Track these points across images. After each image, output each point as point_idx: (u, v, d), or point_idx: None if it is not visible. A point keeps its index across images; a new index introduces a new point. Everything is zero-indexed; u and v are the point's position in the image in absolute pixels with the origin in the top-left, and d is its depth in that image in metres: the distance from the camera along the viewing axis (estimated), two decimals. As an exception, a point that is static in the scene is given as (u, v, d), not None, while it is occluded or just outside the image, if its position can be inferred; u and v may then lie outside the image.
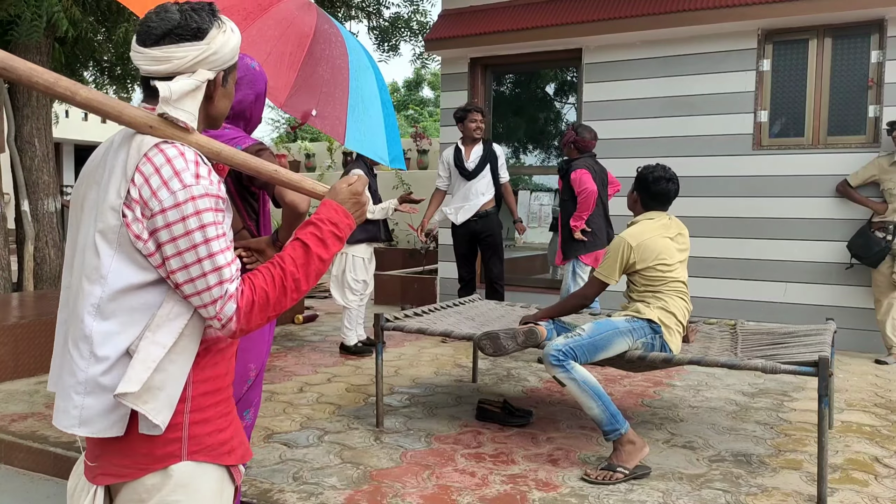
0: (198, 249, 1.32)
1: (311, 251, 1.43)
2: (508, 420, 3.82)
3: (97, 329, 1.32)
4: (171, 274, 1.34)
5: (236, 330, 1.37)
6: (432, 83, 24.57)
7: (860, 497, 2.94)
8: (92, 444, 1.42)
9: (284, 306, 1.42)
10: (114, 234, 1.33)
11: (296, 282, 1.41)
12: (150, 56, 1.38)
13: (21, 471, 3.50)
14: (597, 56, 6.67)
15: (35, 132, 6.65)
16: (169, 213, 1.31)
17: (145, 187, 1.32)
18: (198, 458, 1.41)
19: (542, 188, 9.44)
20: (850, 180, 5.60)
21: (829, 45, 5.88)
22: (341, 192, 1.51)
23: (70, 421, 1.34)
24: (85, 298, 1.34)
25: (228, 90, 1.52)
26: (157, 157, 1.34)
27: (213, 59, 1.41)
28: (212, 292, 1.33)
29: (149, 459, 1.37)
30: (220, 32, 1.42)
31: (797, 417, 4.01)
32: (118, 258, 1.33)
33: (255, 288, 1.37)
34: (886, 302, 5.31)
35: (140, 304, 1.34)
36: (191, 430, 1.40)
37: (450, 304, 4.38)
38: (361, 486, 3.00)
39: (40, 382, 4.60)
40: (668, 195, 3.47)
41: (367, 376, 4.84)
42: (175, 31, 1.37)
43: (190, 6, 1.41)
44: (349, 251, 5.31)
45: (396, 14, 9.49)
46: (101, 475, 1.39)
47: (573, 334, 3.30)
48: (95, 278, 1.33)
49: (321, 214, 1.48)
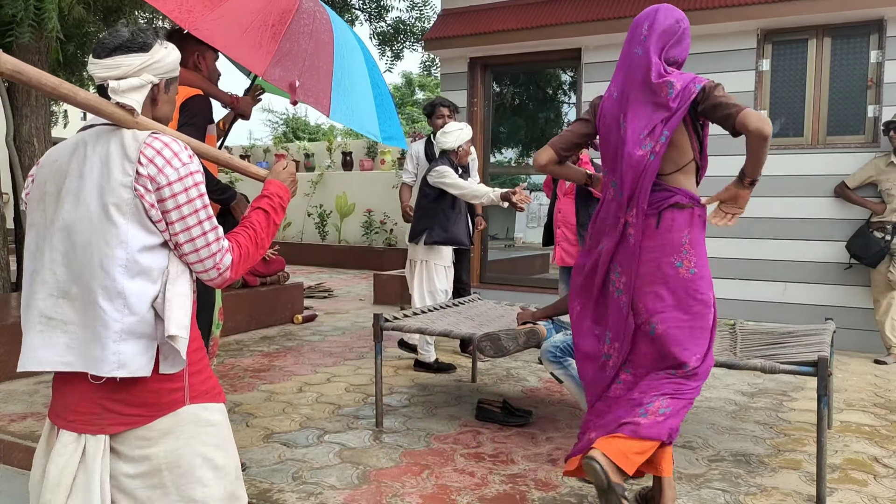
0: (198, 213, 1.66)
1: (270, 216, 1.89)
2: (508, 420, 3.82)
3: (129, 285, 1.60)
4: (174, 236, 1.65)
5: (228, 277, 1.75)
6: (422, 84, 24.57)
7: (859, 497, 2.95)
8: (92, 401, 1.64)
9: (256, 259, 1.85)
10: (128, 205, 1.61)
11: (262, 240, 1.85)
12: (104, 65, 1.69)
13: (20, 470, 3.50)
14: (596, 56, 6.67)
15: (34, 132, 6.64)
16: (174, 185, 1.62)
17: (151, 166, 1.62)
18: (198, 401, 1.74)
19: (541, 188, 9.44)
20: (847, 182, 5.60)
21: (829, 45, 5.88)
22: (280, 173, 2.01)
23: (110, 366, 1.59)
24: (112, 261, 1.60)
25: (171, 97, 1.84)
26: (155, 143, 1.65)
27: (156, 66, 1.74)
28: (210, 247, 1.69)
29: (157, 408, 1.67)
30: (161, 48, 1.75)
31: (796, 417, 4.02)
32: (132, 225, 1.61)
33: (241, 244, 1.79)
34: (885, 302, 5.32)
35: (152, 264, 1.64)
36: (190, 379, 1.73)
37: (449, 304, 4.38)
38: (361, 486, 3.00)
39: (39, 382, 4.60)
40: None
41: (366, 376, 4.84)
42: (125, 44, 1.69)
43: (137, 28, 1.75)
44: (432, 260, 4.86)
45: (398, 19, 9.47)
46: (111, 425, 1.64)
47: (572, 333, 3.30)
48: (117, 244, 1.60)
49: (270, 190, 1.95)
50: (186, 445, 1.69)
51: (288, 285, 6.95)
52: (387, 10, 9.37)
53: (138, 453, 1.66)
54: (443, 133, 4.87)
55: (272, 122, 24.16)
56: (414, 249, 4.99)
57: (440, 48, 7.32)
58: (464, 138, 4.83)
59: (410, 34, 9.33)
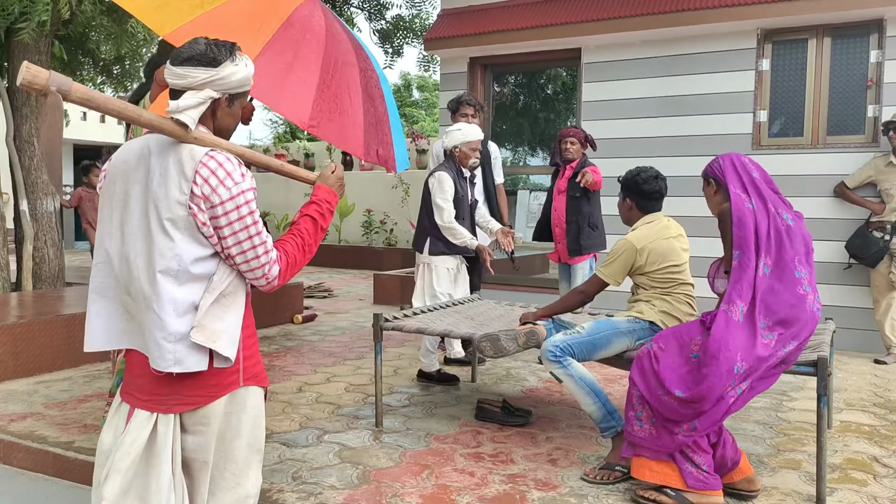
0: (249, 229, 1.79)
1: (317, 223, 2.00)
2: (508, 420, 3.82)
3: (178, 294, 1.75)
4: (226, 249, 1.79)
5: (276, 286, 1.90)
6: (421, 85, 24.57)
7: (859, 497, 2.95)
8: (162, 385, 1.80)
9: (303, 264, 1.96)
10: (182, 221, 1.75)
11: (309, 246, 1.97)
12: (173, 73, 1.80)
13: (20, 470, 3.50)
14: (596, 56, 6.67)
15: (34, 132, 6.63)
16: (227, 203, 1.75)
17: (206, 186, 1.74)
18: (249, 384, 1.91)
19: (541, 188, 9.44)
20: (847, 182, 5.61)
21: (829, 45, 5.88)
22: (329, 178, 2.10)
23: (167, 363, 1.75)
24: (165, 271, 1.74)
25: (234, 111, 1.91)
26: (210, 163, 1.76)
27: (220, 83, 1.81)
28: (260, 259, 1.82)
29: (218, 388, 1.84)
30: (231, 64, 1.82)
31: (796, 417, 4.02)
32: (186, 240, 1.75)
33: (289, 253, 1.91)
34: (885, 302, 5.32)
35: (202, 272, 1.79)
36: (244, 363, 1.89)
37: (449, 304, 4.37)
38: (361, 486, 3.00)
39: (39, 382, 4.60)
40: (661, 193, 3.46)
41: (366, 376, 4.84)
42: (196, 57, 1.79)
43: (215, 42, 1.83)
44: (434, 262, 4.59)
45: (398, 16, 9.48)
46: (178, 405, 1.81)
47: (572, 332, 3.30)
48: (171, 256, 1.74)
49: (318, 195, 2.05)
50: (236, 421, 1.88)
51: (288, 285, 6.94)
52: (386, 7, 9.38)
53: (199, 429, 1.84)
54: (445, 132, 4.76)
55: (273, 121, 24.16)
56: (418, 253, 4.77)
57: (440, 48, 7.32)
58: (460, 139, 4.56)
59: (410, 31, 9.33)
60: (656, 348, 2.92)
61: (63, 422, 3.81)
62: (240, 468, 1.92)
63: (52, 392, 4.38)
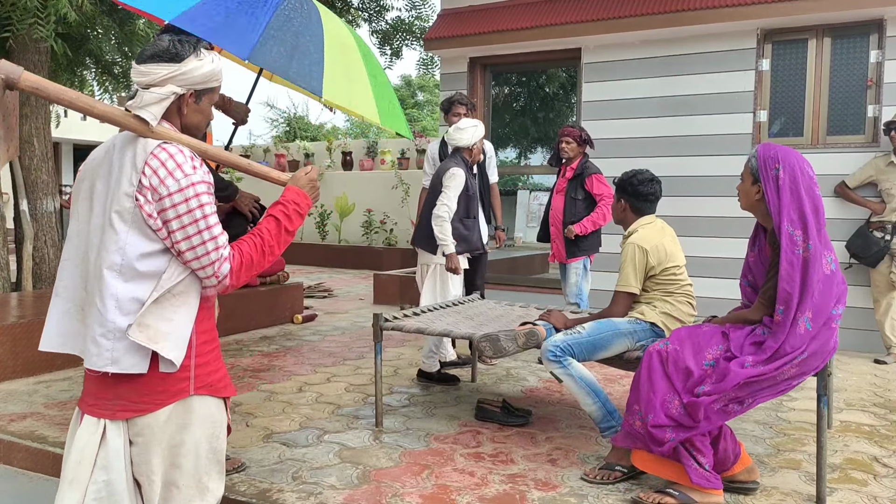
0: (198, 223, 1.72)
1: (281, 224, 1.90)
2: (507, 420, 3.82)
3: (122, 289, 1.70)
4: (175, 244, 1.72)
5: (228, 285, 1.81)
6: (422, 86, 24.56)
7: (859, 496, 2.94)
8: (107, 388, 1.75)
9: (262, 267, 1.87)
10: (129, 214, 1.70)
11: (270, 247, 1.87)
12: (137, 71, 1.79)
13: (20, 470, 3.50)
14: (596, 56, 6.67)
15: (34, 132, 6.64)
16: (175, 196, 1.70)
17: (154, 177, 1.69)
18: (202, 392, 1.83)
19: (541, 188, 9.44)
20: (847, 182, 5.60)
21: (829, 45, 5.88)
22: (300, 179, 2.01)
23: (103, 361, 1.70)
24: (109, 266, 1.70)
25: (202, 108, 1.89)
26: (160, 154, 1.72)
27: (183, 78, 1.79)
28: (210, 256, 1.74)
29: (165, 395, 1.76)
30: (195, 59, 1.80)
31: (796, 417, 4.02)
32: (132, 233, 1.70)
33: (243, 252, 1.82)
34: (885, 301, 5.31)
35: (150, 269, 1.72)
36: (196, 371, 1.81)
37: (449, 304, 4.37)
38: (361, 486, 3.00)
39: (39, 382, 4.59)
40: (656, 195, 3.46)
41: (366, 376, 4.84)
42: (159, 54, 1.78)
43: (178, 38, 1.81)
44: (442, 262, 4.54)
45: (398, 18, 9.49)
46: (122, 411, 1.75)
47: (573, 332, 3.30)
48: (115, 249, 1.70)
49: (287, 196, 1.95)
50: (186, 433, 1.81)
51: (288, 285, 6.94)
52: (386, 9, 9.39)
53: (140, 440, 1.77)
54: (457, 129, 4.59)
55: (273, 119, 24.12)
56: (428, 254, 4.63)
57: (440, 48, 7.32)
58: (478, 136, 4.57)
59: (409, 32, 9.34)
60: (671, 349, 2.87)
61: (63, 422, 3.81)
62: (194, 482, 1.83)
63: (52, 392, 4.38)
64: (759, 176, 2.80)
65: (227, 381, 1.92)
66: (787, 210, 2.69)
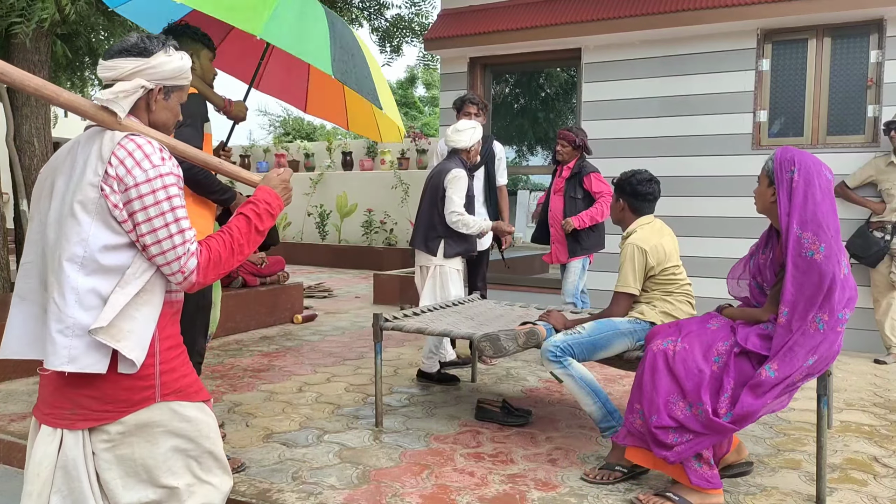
0: (165, 216, 1.67)
1: (252, 223, 1.87)
2: (507, 420, 3.82)
3: (82, 282, 1.63)
4: (141, 237, 1.67)
5: (195, 282, 1.75)
6: (427, 81, 24.52)
7: (859, 496, 2.94)
8: (64, 396, 1.69)
9: (231, 265, 1.82)
10: (93, 204, 1.64)
11: (240, 246, 1.84)
12: (104, 66, 1.77)
13: (20, 470, 3.50)
14: (596, 56, 6.67)
15: (34, 132, 6.63)
16: (142, 186, 1.65)
17: (121, 167, 1.65)
18: (170, 399, 1.77)
19: (542, 188, 9.43)
20: (847, 182, 5.60)
21: (829, 45, 5.88)
22: (272, 180, 1.98)
23: (60, 360, 1.62)
24: (70, 258, 1.63)
25: (170, 105, 1.87)
26: (128, 144, 1.68)
27: (151, 72, 1.77)
28: (176, 250, 1.69)
29: (127, 404, 1.70)
30: (163, 54, 1.79)
31: (796, 417, 4.02)
32: (96, 224, 1.64)
33: (212, 249, 1.77)
34: (885, 302, 5.32)
35: (113, 264, 1.66)
36: (162, 377, 1.75)
37: (449, 304, 4.37)
38: (361, 486, 3.00)
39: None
40: (655, 195, 3.45)
41: (366, 376, 4.84)
42: (126, 49, 1.76)
43: (147, 35, 1.80)
44: (447, 264, 4.54)
45: (398, 15, 9.50)
46: (81, 420, 1.68)
47: (573, 331, 3.30)
48: (77, 241, 1.63)
49: (258, 196, 1.92)
50: (154, 441, 1.75)
51: (288, 285, 6.95)
52: (386, 7, 9.40)
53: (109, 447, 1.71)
54: (455, 131, 4.58)
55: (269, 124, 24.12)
56: (427, 256, 4.60)
57: (440, 48, 7.32)
58: (476, 138, 4.57)
59: (409, 29, 9.35)
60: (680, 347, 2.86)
61: (63, 422, 3.81)
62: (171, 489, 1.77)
63: (52, 392, 4.38)
64: (775, 178, 2.80)
65: (198, 385, 1.87)
66: (799, 212, 2.68)
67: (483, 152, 5.11)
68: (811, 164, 2.75)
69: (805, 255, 2.64)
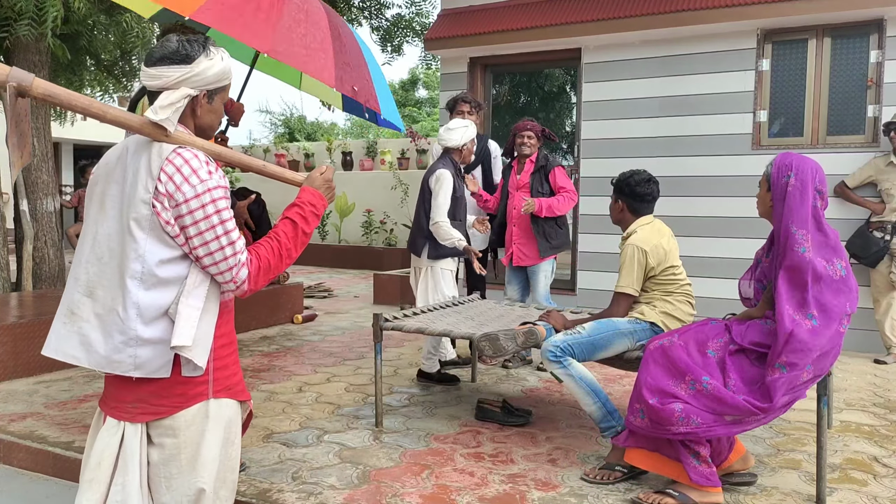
0: (215, 229, 1.71)
1: (298, 227, 1.89)
2: (508, 420, 3.82)
3: (143, 297, 1.69)
4: (193, 250, 1.72)
5: (247, 290, 1.82)
6: (427, 83, 24.52)
7: (859, 496, 2.94)
8: (128, 391, 1.76)
9: (280, 270, 1.87)
10: (146, 221, 1.69)
11: (288, 251, 1.87)
12: (148, 74, 1.77)
13: (20, 470, 3.50)
14: (596, 56, 6.67)
15: (34, 132, 6.63)
16: (192, 202, 1.69)
17: (170, 183, 1.69)
18: (220, 396, 1.84)
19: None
20: (847, 182, 5.61)
21: (829, 45, 5.88)
22: (316, 180, 1.99)
23: (127, 367, 1.70)
24: (131, 275, 1.69)
25: (215, 107, 1.87)
26: (176, 160, 1.71)
27: (196, 79, 1.78)
28: (228, 261, 1.74)
29: (184, 399, 1.77)
30: (206, 59, 1.78)
31: (796, 417, 4.02)
32: (150, 240, 1.69)
33: (261, 257, 1.81)
34: (885, 302, 5.32)
35: (171, 275, 1.71)
36: (215, 374, 1.83)
37: (449, 304, 4.37)
38: (361, 486, 3.00)
39: (39, 382, 4.60)
40: (654, 196, 3.45)
41: (366, 376, 4.84)
42: (168, 56, 1.75)
43: (187, 38, 1.79)
44: (438, 265, 4.51)
45: (398, 15, 9.50)
46: (141, 414, 1.76)
47: (573, 332, 3.30)
48: (134, 257, 1.69)
49: (302, 198, 1.93)
50: (202, 436, 1.81)
51: (288, 285, 6.95)
52: (386, 6, 9.41)
53: (162, 441, 1.78)
54: (446, 129, 4.51)
55: (271, 122, 24.12)
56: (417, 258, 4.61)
57: (440, 48, 7.32)
58: (469, 137, 4.50)
59: (409, 29, 9.36)
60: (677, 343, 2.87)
61: (63, 422, 3.81)
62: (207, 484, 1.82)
63: (52, 392, 4.38)
64: (772, 184, 2.83)
65: (243, 384, 1.93)
66: (797, 212, 2.71)
67: (478, 151, 5.05)
68: (809, 169, 2.76)
69: (798, 251, 2.67)
